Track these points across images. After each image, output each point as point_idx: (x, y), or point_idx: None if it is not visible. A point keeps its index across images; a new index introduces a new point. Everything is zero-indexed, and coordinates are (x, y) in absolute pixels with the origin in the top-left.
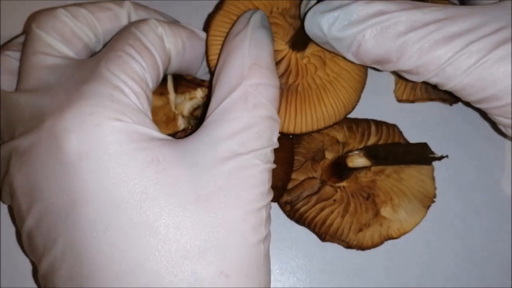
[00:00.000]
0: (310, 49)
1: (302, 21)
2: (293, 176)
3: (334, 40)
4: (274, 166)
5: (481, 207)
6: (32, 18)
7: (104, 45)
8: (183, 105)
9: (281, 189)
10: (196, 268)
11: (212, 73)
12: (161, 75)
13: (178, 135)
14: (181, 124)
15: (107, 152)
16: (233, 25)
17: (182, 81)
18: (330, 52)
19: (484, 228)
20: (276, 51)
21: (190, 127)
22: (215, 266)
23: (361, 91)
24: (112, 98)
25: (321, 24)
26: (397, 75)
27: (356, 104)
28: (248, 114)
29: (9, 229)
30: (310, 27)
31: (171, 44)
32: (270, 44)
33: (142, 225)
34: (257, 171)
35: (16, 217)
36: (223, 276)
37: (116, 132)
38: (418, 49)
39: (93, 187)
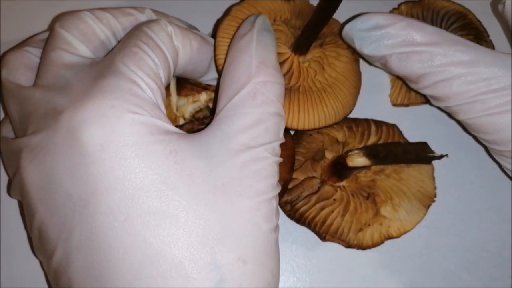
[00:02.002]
0: (311, 55)
1: (306, 25)
2: (293, 175)
3: (363, 54)
4: (281, 159)
5: (481, 207)
6: (56, 19)
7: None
8: (186, 107)
9: (282, 187)
10: (216, 255)
11: (219, 71)
12: (172, 73)
13: (186, 126)
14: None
15: (127, 143)
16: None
17: (187, 84)
18: (327, 57)
19: (484, 228)
20: (279, 54)
21: (196, 120)
22: (233, 252)
23: (357, 96)
24: (131, 92)
25: (354, 40)
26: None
27: (353, 108)
28: (257, 110)
29: (9, 229)
30: (345, 38)
31: (179, 43)
32: (274, 45)
33: (162, 214)
34: (267, 164)
35: (25, 211)
36: (241, 263)
37: (136, 125)
38: (434, 83)
39: (114, 177)
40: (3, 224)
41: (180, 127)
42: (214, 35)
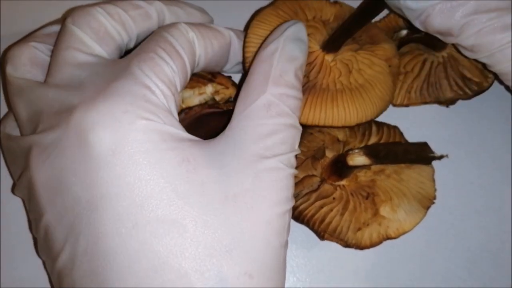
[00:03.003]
0: (341, 56)
1: (341, 24)
2: None
3: (406, 9)
4: (296, 172)
5: (481, 207)
6: (67, 14)
7: (136, 45)
8: (192, 99)
9: None
10: (222, 267)
11: (246, 69)
12: (188, 78)
13: (195, 109)
14: None
15: (139, 150)
16: (271, 32)
17: (193, 76)
18: (358, 62)
19: (484, 228)
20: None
21: (206, 103)
22: (240, 266)
23: (382, 108)
24: (145, 98)
25: None
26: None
27: (370, 118)
28: (271, 121)
29: (9, 229)
30: None
31: (201, 47)
32: (301, 57)
33: (170, 222)
34: (282, 176)
35: (31, 211)
36: (247, 277)
37: (149, 131)
38: (477, 31)
39: (124, 184)
40: (3, 224)
41: (189, 109)
42: (247, 27)
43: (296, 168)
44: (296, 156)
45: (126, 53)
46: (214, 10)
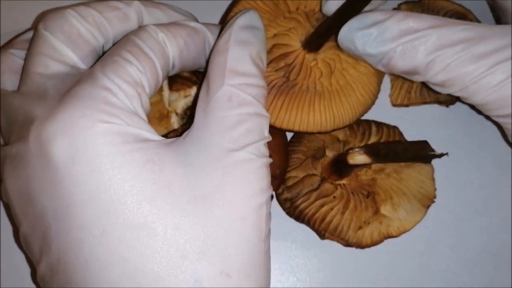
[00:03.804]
0: (323, 55)
1: (322, 22)
2: (294, 173)
3: (366, 55)
4: (270, 160)
5: (481, 207)
6: (40, 18)
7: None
8: (177, 102)
9: (279, 177)
10: (196, 269)
11: None
12: (161, 80)
13: (170, 135)
14: (174, 121)
15: (100, 154)
16: None
17: (178, 78)
18: (342, 62)
19: (484, 228)
20: (286, 45)
21: (181, 127)
22: (215, 266)
23: (360, 112)
24: (105, 100)
25: (355, 41)
26: (393, 76)
27: (348, 123)
28: (234, 112)
29: (9, 229)
30: (344, 41)
31: (173, 47)
32: (256, 43)
33: (139, 227)
34: (253, 167)
35: (14, 218)
36: (224, 276)
37: (109, 134)
38: (445, 67)
39: (87, 191)
40: (3, 224)
41: (165, 136)
42: (223, 20)
43: (296, 167)
44: (265, 144)
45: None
46: (189, 3)
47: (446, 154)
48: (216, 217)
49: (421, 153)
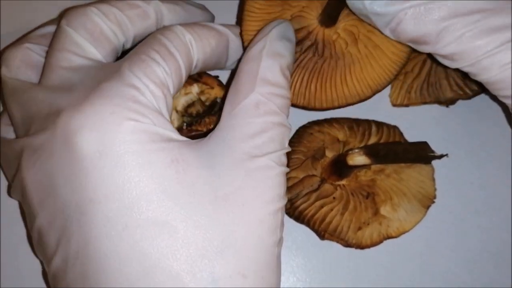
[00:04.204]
0: (343, 23)
1: None
2: (293, 174)
3: (373, 15)
4: (287, 169)
5: (481, 207)
6: (63, 15)
7: (133, 46)
8: (178, 100)
9: None
10: (214, 268)
11: (245, 48)
12: (184, 81)
13: (181, 133)
14: (174, 119)
15: (128, 151)
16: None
17: None
18: (365, 25)
19: (484, 228)
20: (303, 28)
21: (185, 128)
22: (233, 266)
23: (396, 72)
24: (134, 99)
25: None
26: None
27: (387, 84)
28: (260, 120)
29: (9, 229)
30: (352, 2)
31: (199, 49)
32: (287, 56)
33: (161, 224)
34: (273, 173)
35: (26, 213)
36: (240, 277)
37: (137, 132)
38: (458, 37)
39: (112, 186)
40: (3, 224)
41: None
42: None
43: (296, 168)
44: (286, 154)
45: (123, 54)
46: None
47: (446, 155)
48: (236, 218)
49: (421, 154)
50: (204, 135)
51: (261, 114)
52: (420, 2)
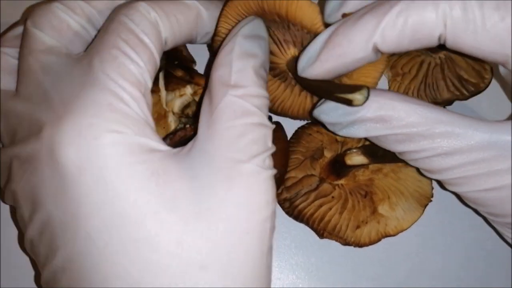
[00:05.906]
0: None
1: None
2: (292, 174)
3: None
4: (274, 171)
5: None
6: (27, 13)
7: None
8: (174, 102)
9: (278, 180)
10: (198, 284)
11: (214, 50)
12: (158, 66)
13: (179, 133)
14: (171, 121)
15: (106, 165)
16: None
17: (173, 78)
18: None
19: (482, 227)
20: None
21: (189, 125)
22: (217, 281)
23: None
24: (111, 107)
25: (326, 125)
26: (392, 75)
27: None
28: (239, 122)
29: (9, 229)
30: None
31: (166, 28)
32: (260, 54)
33: (142, 241)
34: (259, 179)
35: (19, 222)
36: None
37: (116, 145)
38: (416, 159)
39: (93, 202)
40: (3, 224)
41: (173, 133)
42: None
43: (295, 168)
44: (270, 156)
45: None
46: None
47: None
48: (220, 231)
49: None
50: None
51: (239, 116)
52: (377, 134)
